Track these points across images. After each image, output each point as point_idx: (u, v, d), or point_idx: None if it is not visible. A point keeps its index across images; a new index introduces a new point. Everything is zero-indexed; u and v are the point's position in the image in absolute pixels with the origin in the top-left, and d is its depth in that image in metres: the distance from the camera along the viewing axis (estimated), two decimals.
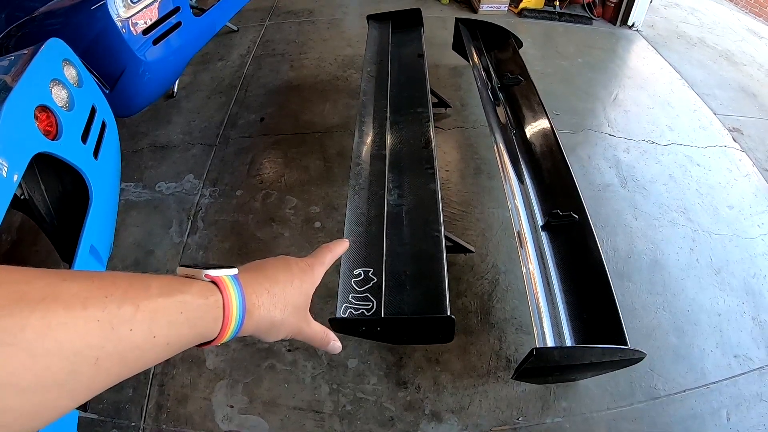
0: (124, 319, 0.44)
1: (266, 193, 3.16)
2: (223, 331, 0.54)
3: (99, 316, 0.42)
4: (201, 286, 0.53)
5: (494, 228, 2.89)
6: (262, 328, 0.60)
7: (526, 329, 2.41)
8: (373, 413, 2.16)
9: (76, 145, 2.02)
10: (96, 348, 0.41)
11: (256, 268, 0.64)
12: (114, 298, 0.44)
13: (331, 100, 3.99)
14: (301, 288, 0.66)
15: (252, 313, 0.57)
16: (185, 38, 3.40)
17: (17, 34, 2.86)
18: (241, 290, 0.56)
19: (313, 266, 0.70)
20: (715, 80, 4.44)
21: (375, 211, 2.27)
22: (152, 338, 0.46)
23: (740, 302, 2.58)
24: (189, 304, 0.50)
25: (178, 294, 0.50)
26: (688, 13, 5.82)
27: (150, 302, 0.46)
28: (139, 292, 0.46)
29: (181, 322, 0.49)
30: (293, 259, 0.69)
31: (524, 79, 3.28)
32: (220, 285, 0.54)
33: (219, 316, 0.53)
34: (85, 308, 0.41)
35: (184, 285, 0.51)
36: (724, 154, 3.56)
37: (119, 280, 0.46)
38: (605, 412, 2.16)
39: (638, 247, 2.81)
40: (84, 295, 0.42)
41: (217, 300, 0.53)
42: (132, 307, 0.44)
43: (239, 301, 0.55)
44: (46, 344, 0.38)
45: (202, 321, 0.52)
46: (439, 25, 4.88)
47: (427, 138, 2.65)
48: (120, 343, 0.43)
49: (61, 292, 0.41)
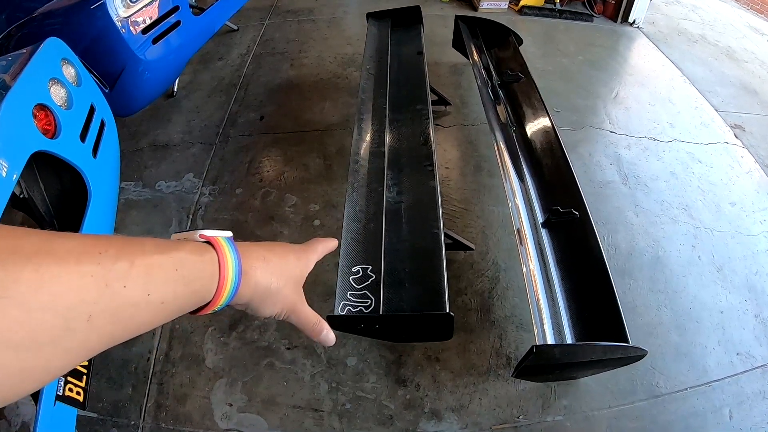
0: (119, 275, 0.43)
1: (266, 192, 3.15)
2: (219, 291, 0.54)
3: (93, 271, 0.41)
4: (196, 244, 0.53)
5: (494, 225, 2.88)
6: (258, 295, 0.60)
7: (527, 327, 2.40)
8: (372, 412, 2.16)
9: (74, 144, 2.01)
10: (90, 303, 0.41)
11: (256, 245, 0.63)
12: (109, 254, 0.43)
13: (331, 98, 3.99)
14: (297, 264, 0.66)
15: (249, 274, 0.57)
16: (185, 37, 3.39)
17: (17, 34, 2.86)
18: (236, 251, 0.56)
19: (307, 251, 0.70)
20: (716, 77, 4.42)
21: (374, 208, 2.26)
22: (147, 296, 0.46)
23: (742, 299, 2.57)
24: (184, 260, 0.50)
25: (173, 251, 0.50)
26: (689, 10, 5.80)
27: (145, 258, 0.46)
28: (134, 249, 0.46)
29: (176, 279, 0.49)
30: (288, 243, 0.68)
31: (524, 77, 3.26)
32: (215, 244, 0.54)
33: (215, 272, 0.53)
34: (79, 263, 0.41)
35: (179, 243, 0.52)
36: (726, 151, 3.54)
37: (114, 239, 0.46)
38: (606, 411, 2.15)
39: (639, 244, 2.80)
40: (78, 250, 0.42)
41: (212, 257, 0.53)
42: (127, 263, 0.44)
43: (235, 260, 0.55)
44: (39, 298, 0.37)
45: (198, 278, 0.52)
46: (439, 23, 4.87)
47: (427, 135, 2.64)
48: (114, 299, 0.43)
49: (55, 247, 0.40)
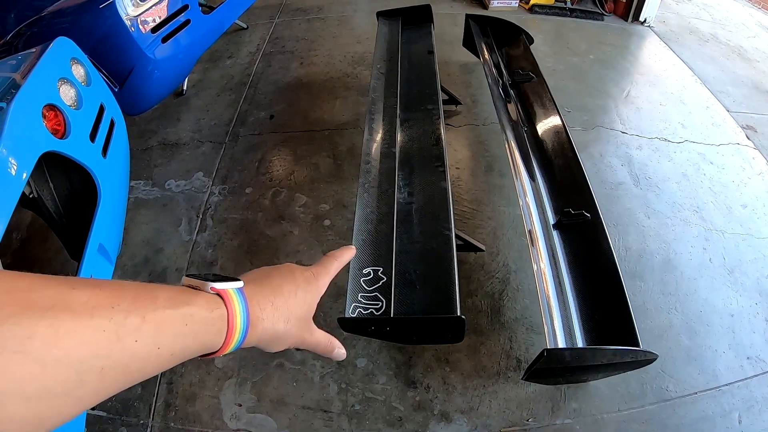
0: (131, 330, 0.44)
1: (276, 191, 3.15)
2: (226, 343, 0.55)
3: (106, 326, 0.42)
4: (206, 298, 0.54)
5: (505, 226, 2.87)
6: (264, 340, 0.61)
7: (537, 329, 2.39)
8: (381, 413, 2.15)
9: (84, 144, 2.02)
10: (102, 357, 0.42)
11: (261, 278, 0.64)
12: (121, 308, 0.44)
13: (341, 97, 3.98)
14: (305, 299, 0.66)
15: (255, 325, 0.58)
16: (194, 36, 3.40)
17: (26, 33, 2.87)
18: (245, 303, 0.57)
19: (318, 276, 0.70)
20: (728, 77, 4.38)
21: (385, 209, 2.26)
22: (156, 349, 0.47)
23: (753, 303, 2.54)
24: (194, 316, 0.51)
25: (184, 306, 0.50)
26: (700, 9, 5.75)
27: (156, 314, 0.47)
28: (146, 302, 0.47)
29: (185, 333, 0.50)
30: (298, 269, 0.69)
31: (535, 76, 3.25)
32: (225, 298, 0.55)
33: (223, 329, 0.54)
34: (92, 317, 0.41)
35: (190, 297, 0.52)
36: (738, 152, 3.51)
37: (126, 290, 0.47)
38: (615, 414, 2.14)
39: (650, 246, 2.78)
40: (92, 303, 0.42)
41: (221, 313, 0.54)
42: (138, 318, 0.45)
43: (243, 315, 0.56)
44: (54, 352, 0.38)
45: (206, 333, 0.53)
46: (450, 22, 4.85)
47: (438, 135, 2.63)
48: (125, 353, 0.44)
49: (69, 301, 0.41)
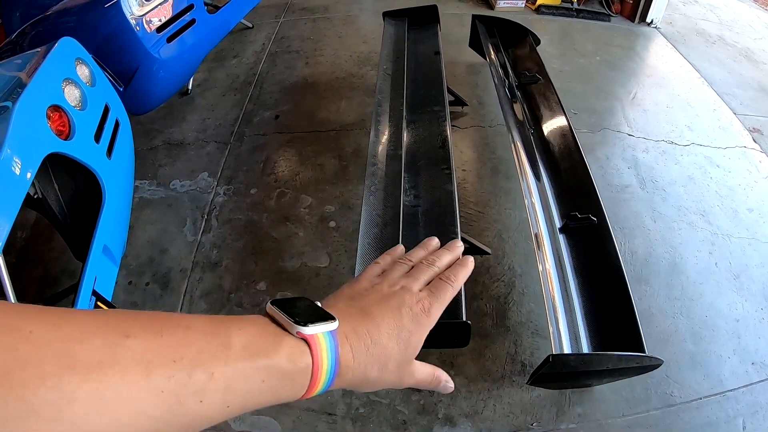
0: (195, 390, 0.38)
1: (281, 192, 3.15)
2: (305, 395, 0.48)
3: (164, 386, 0.36)
4: (290, 347, 0.45)
5: (511, 229, 2.87)
6: (352, 385, 0.52)
7: (542, 333, 2.38)
8: (385, 416, 2.15)
9: (88, 145, 2.02)
10: (157, 421, 0.36)
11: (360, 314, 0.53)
12: (184, 362, 0.38)
13: (347, 97, 3.97)
14: (409, 341, 0.54)
15: (343, 375, 0.49)
16: (199, 36, 3.40)
17: (31, 32, 2.87)
18: (336, 351, 0.48)
19: (430, 309, 0.57)
20: (734, 79, 4.36)
21: (391, 212, 2.25)
22: (226, 407, 0.41)
23: (759, 308, 2.53)
24: (274, 370, 0.44)
25: (263, 358, 0.43)
26: (707, 10, 5.72)
27: (228, 369, 0.40)
28: (216, 353, 0.41)
29: (260, 389, 0.43)
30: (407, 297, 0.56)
31: (542, 77, 3.24)
32: (313, 347, 0.46)
33: (305, 382, 0.46)
34: (148, 376, 0.36)
35: (271, 347, 0.45)
36: (744, 155, 3.50)
37: (193, 334, 0.41)
38: (620, 419, 2.13)
39: (657, 250, 2.77)
40: (148, 357, 0.36)
41: (307, 365, 0.46)
42: (205, 375, 0.39)
43: (331, 366, 0.48)
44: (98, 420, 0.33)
45: (284, 388, 0.46)
46: (456, 22, 4.83)
47: (444, 137, 2.62)
48: (186, 415, 0.38)
49: (121, 355, 0.35)
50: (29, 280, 2.67)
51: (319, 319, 0.48)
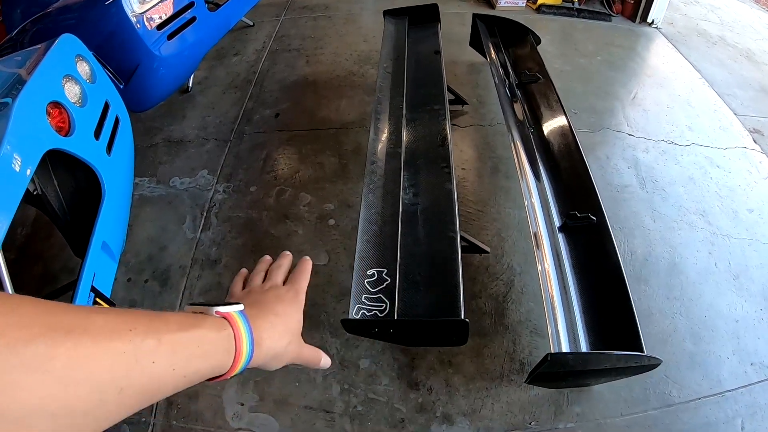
0: (148, 352, 0.47)
1: (280, 190, 3.15)
2: (234, 363, 0.58)
3: (125, 348, 0.45)
4: (214, 321, 0.57)
5: (510, 228, 2.86)
6: (268, 359, 0.65)
7: (541, 332, 2.38)
8: (384, 414, 2.15)
9: (88, 142, 2.02)
10: (121, 378, 0.44)
11: (257, 302, 0.70)
12: (138, 331, 0.47)
13: (347, 96, 3.97)
14: (296, 316, 0.73)
15: (260, 344, 0.62)
16: (200, 33, 3.39)
17: (32, 29, 2.87)
18: (248, 324, 0.61)
19: (298, 293, 0.77)
20: (735, 80, 4.35)
21: (390, 210, 2.25)
22: (172, 370, 0.49)
23: (758, 308, 2.53)
24: (205, 337, 0.54)
25: (194, 329, 0.54)
26: (708, 11, 5.71)
27: (171, 336, 0.50)
28: (160, 326, 0.50)
29: (198, 355, 0.53)
30: (282, 289, 0.76)
31: (542, 77, 3.24)
32: (230, 320, 0.59)
33: (231, 348, 0.58)
34: (111, 340, 0.44)
35: (199, 321, 0.55)
36: (745, 155, 3.49)
37: (141, 315, 0.50)
38: (618, 419, 2.13)
39: (656, 250, 2.77)
40: (110, 327, 0.45)
41: (229, 334, 0.58)
42: (155, 340, 0.48)
43: (248, 335, 0.60)
44: (75, 374, 0.40)
45: (216, 354, 0.56)
46: (457, 21, 4.83)
47: (444, 136, 2.62)
48: (143, 374, 0.47)
49: (89, 324, 0.43)
50: (29, 277, 2.68)
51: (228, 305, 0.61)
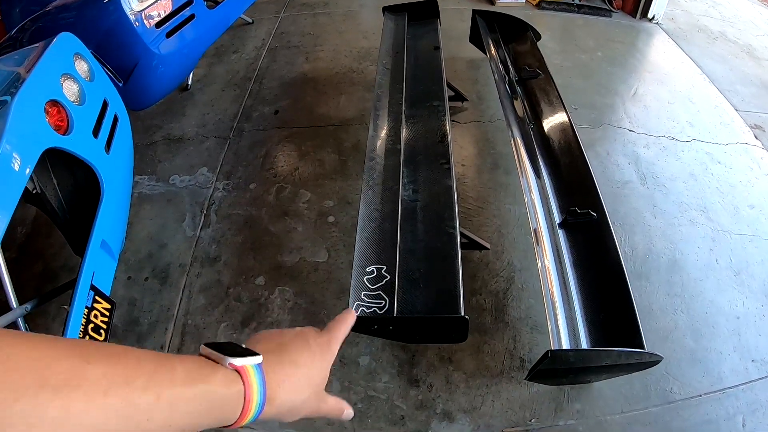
0: (144, 410, 0.45)
1: (280, 187, 3.14)
2: (240, 418, 0.55)
3: (119, 405, 0.43)
4: (224, 375, 0.53)
5: (510, 225, 2.86)
6: (280, 413, 0.61)
7: (541, 329, 2.37)
8: (384, 411, 2.15)
9: (87, 140, 2.01)
10: None
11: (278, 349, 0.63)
12: (136, 386, 0.45)
13: (347, 92, 3.96)
14: (321, 367, 0.66)
15: (272, 401, 0.58)
16: (199, 31, 3.39)
17: (31, 28, 2.87)
18: (263, 380, 0.56)
19: (330, 342, 0.70)
20: (736, 75, 4.34)
21: (389, 206, 2.25)
22: (168, 426, 0.47)
23: (759, 305, 2.52)
24: (211, 394, 0.51)
25: (202, 383, 0.51)
26: (709, 6, 5.70)
27: (173, 391, 0.48)
28: (162, 379, 0.48)
29: (200, 411, 0.50)
30: (312, 335, 0.68)
31: (542, 73, 3.23)
32: (243, 375, 0.55)
33: (239, 405, 0.54)
34: (106, 396, 0.42)
35: (208, 373, 0.52)
36: (746, 151, 3.48)
37: (145, 363, 0.48)
38: (619, 416, 2.13)
39: (657, 246, 2.76)
40: (106, 381, 0.43)
41: (239, 390, 0.54)
42: (153, 396, 0.46)
43: (260, 392, 0.56)
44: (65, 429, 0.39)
45: (221, 411, 0.53)
46: (456, 17, 4.81)
47: (443, 132, 2.61)
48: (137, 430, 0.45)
49: (83, 377, 0.42)
50: (29, 275, 2.67)
51: (246, 354, 0.56)
